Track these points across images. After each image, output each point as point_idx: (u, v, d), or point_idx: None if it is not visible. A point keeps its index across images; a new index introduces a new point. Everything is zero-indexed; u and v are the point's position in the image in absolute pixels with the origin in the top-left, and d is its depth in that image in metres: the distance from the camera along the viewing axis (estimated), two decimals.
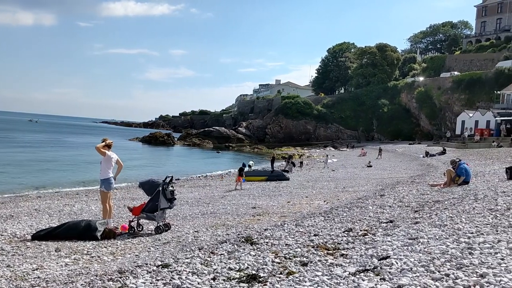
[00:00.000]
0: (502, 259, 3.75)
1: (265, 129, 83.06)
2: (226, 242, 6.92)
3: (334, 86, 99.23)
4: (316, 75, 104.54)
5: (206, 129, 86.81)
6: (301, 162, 37.23)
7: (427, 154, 35.81)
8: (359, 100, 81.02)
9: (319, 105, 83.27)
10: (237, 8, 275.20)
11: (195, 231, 9.16)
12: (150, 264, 5.46)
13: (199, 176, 30.47)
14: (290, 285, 3.92)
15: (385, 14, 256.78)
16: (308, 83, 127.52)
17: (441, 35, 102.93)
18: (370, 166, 31.10)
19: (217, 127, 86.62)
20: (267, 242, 6.47)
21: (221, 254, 5.84)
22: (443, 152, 34.51)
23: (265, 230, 7.98)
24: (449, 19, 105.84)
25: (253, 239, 6.80)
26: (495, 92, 51.95)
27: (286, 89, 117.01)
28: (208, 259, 5.54)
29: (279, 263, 5.03)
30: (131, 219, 9.49)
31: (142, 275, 4.81)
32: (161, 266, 5.23)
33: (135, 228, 9.35)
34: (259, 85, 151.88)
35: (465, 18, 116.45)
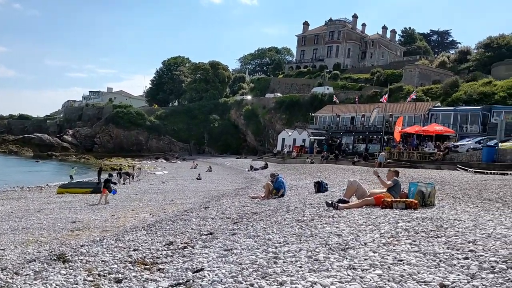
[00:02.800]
0: (300, 267, 4.18)
1: (94, 138, 78.61)
2: (35, 260, 6.32)
3: (168, 99, 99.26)
4: (151, 86, 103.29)
5: (26, 135, 78.52)
6: (127, 173, 35.49)
7: (251, 168, 38.08)
8: (192, 113, 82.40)
9: (152, 116, 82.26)
10: (66, 8, 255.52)
11: (1, 249, 8.14)
12: None
13: (13, 188, 27.23)
14: None
15: (219, 34, 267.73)
16: (142, 93, 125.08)
17: (267, 59, 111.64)
18: (200, 179, 31.70)
19: (39, 134, 78.97)
20: (81, 260, 6.10)
21: (27, 274, 5.30)
22: (265, 167, 37.15)
23: (81, 246, 7.50)
24: (275, 45, 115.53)
25: (66, 257, 6.34)
26: (310, 114, 58.23)
27: (119, 97, 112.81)
28: (10, 280, 4.96)
29: (91, 281, 4.78)
30: None
31: None
32: None
33: None
34: (89, 91, 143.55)
35: (288, 45, 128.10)
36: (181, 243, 6.91)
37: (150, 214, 13.44)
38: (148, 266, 5.35)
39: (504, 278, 3.53)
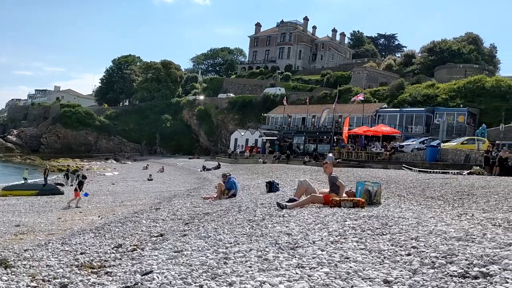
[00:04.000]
0: (250, 267, 4.21)
1: (40, 139, 75.52)
2: None
3: (119, 98, 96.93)
4: (100, 85, 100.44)
5: None
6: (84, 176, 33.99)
7: (204, 168, 37.88)
8: (143, 113, 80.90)
9: (101, 116, 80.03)
10: (15, 2, 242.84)
11: None
12: None
13: None
14: None
15: (172, 33, 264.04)
16: (92, 92, 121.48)
17: (220, 59, 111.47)
18: (151, 180, 31.20)
19: None
20: (25, 264, 5.86)
21: None
22: (218, 167, 37.07)
23: (25, 250, 7.20)
24: (228, 45, 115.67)
25: (8, 262, 6.05)
26: (263, 114, 58.70)
27: (67, 96, 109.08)
28: None
29: (35, 286, 4.60)
30: None
31: None
32: None
33: None
34: (35, 90, 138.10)
35: (241, 46, 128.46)
36: (130, 246, 6.78)
37: (99, 216, 13.11)
38: (95, 270, 5.22)
39: (443, 273, 3.71)
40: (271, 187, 13.55)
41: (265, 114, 58.40)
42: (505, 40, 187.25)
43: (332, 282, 3.61)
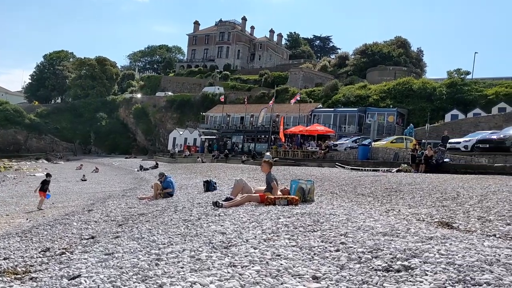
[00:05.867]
0: (182, 268, 4.17)
1: None
2: None
3: (50, 95, 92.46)
4: (30, 81, 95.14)
5: None
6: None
7: (141, 168, 37.04)
8: (76, 111, 77.72)
9: (32, 114, 75.91)
10: None
11: None
12: None
13: None
14: None
15: (107, 29, 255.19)
16: (21, 89, 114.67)
17: (158, 57, 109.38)
18: (85, 180, 30.04)
19: None
20: None
21: None
22: (156, 166, 36.40)
23: None
24: (165, 43, 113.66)
25: None
26: (201, 113, 58.35)
27: None
28: None
29: None
30: None
31: None
32: None
33: None
34: None
35: (179, 44, 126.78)
36: (59, 249, 6.51)
37: (27, 219, 12.44)
38: (19, 276, 4.96)
39: (369, 267, 3.89)
40: (209, 186, 13.53)
41: (204, 113, 58.11)
42: (430, 44, 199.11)
43: (262, 280, 3.67)
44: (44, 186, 16.27)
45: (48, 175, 17.52)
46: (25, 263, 5.75)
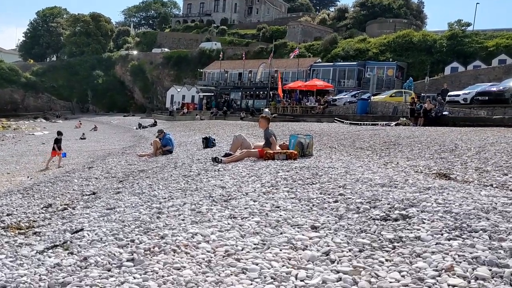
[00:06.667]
0: (183, 220, 4.25)
1: None
2: None
3: (45, 53, 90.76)
4: (24, 39, 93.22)
5: None
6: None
7: (140, 126, 37.03)
8: (72, 69, 76.53)
9: (27, 73, 74.76)
10: None
11: None
12: None
13: None
14: None
15: None
16: (15, 47, 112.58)
17: (153, 12, 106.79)
18: (84, 139, 30.07)
19: None
20: None
21: None
22: (155, 124, 36.37)
23: None
24: None
25: None
26: (199, 70, 57.61)
27: None
28: None
29: None
30: None
31: None
32: None
33: None
34: None
35: None
36: (61, 205, 6.60)
37: (28, 177, 12.54)
38: (23, 231, 5.05)
39: (367, 217, 3.95)
40: (208, 142, 13.55)
41: (201, 70, 57.34)
42: None
43: (262, 230, 3.73)
44: (58, 145, 15.87)
45: (59, 133, 17.02)
46: (28, 219, 5.84)
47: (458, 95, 23.40)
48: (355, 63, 44.85)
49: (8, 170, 14.85)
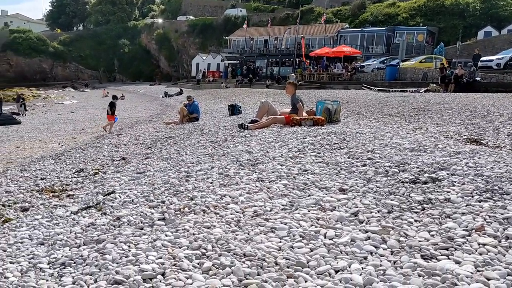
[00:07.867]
0: (211, 183, 4.31)
1: None
2: None
3: (72, 22, 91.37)
4: (51, 8, 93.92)
5: None
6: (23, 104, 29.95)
7: (166, 94, 37.29)
8: (99, 38, 77.05)
9: (55, 42, 75.62)
10: None
11: None
12: None
13: None
14: (5, 233, 3.64)
15: None
16: (42, 17, 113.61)
17: None
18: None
19: None
20: None
21: None
22: (180, 93, 36.55)
23: None
24: None
25: None
26: (224, 37, 57.10)
27: (15, 22, 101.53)
28: None
29: None
30: None
31: None
32: None
33: None
34: None
35: None
36: (92, 170, 6.77)
37: (59, 144, 12.86)
38: (57, 194, 5.23)
39: (396, 180, 3.92)
40: (234, 110, 13.56)
41: (226, 37, 56.82)
42: None
43: (290, 192, 3.76)
44: (111, 109, 15.15)
45: (114, 97, 16.58)
46: (61, 183, 6.03)
47: (491, 60, 22.61)
48: (384, 28, 43.60)
49: (39, 138, 15.28)
